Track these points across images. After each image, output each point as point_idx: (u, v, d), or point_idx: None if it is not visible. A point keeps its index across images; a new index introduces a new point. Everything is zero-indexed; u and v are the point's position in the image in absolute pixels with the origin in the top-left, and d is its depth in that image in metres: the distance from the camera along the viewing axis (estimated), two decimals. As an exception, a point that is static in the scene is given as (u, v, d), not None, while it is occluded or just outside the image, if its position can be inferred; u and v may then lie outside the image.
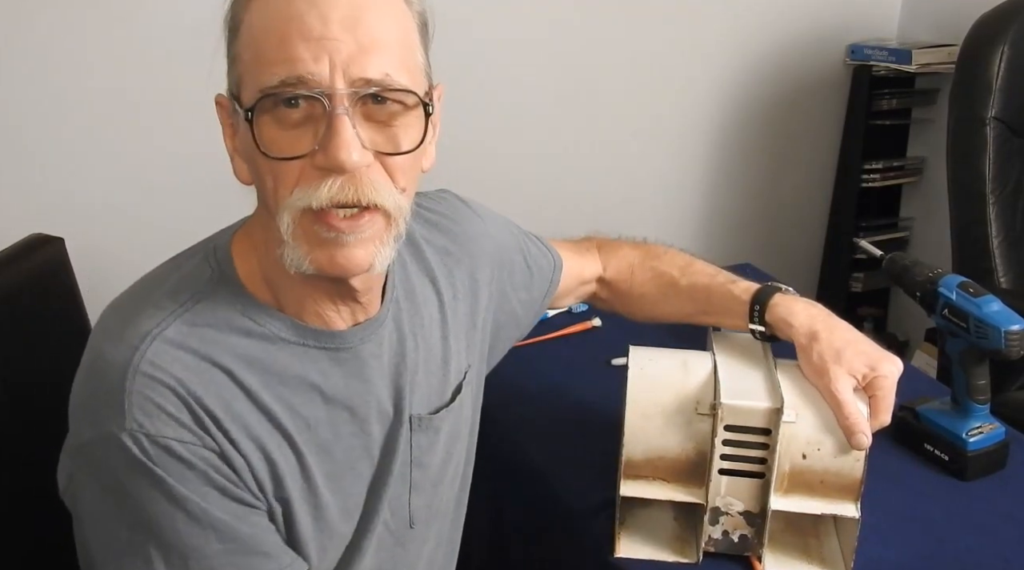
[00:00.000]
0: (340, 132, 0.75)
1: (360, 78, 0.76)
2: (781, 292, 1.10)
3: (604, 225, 1.28)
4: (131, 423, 0.77)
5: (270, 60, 0.76)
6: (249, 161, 0.82)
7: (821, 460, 1.00)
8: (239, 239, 0.88)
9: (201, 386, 0.80)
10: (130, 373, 0.78)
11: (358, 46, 0.76)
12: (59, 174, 1.78)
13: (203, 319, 0.83)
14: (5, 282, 1.06)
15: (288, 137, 0.77)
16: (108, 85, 1.77)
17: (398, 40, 0.80)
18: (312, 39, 0.75)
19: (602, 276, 1.23)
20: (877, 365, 1.01)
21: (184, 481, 0.78)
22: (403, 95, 0.79)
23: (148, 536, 0.79)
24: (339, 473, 0.89)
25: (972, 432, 1.19)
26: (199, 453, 0.79)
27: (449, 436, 1.00)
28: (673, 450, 1.03)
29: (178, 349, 0.80)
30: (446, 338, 1.00)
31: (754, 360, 1.08)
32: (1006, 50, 1.83)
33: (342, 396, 0.88)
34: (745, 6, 2.31)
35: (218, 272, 0.86)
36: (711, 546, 1.05)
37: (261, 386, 0.83)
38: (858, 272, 2.51)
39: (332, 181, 0.76)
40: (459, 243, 1.04)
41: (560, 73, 2.17)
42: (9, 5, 1.68)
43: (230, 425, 0.81)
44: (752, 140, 2.45)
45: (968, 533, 1.10)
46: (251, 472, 0.82)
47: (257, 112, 0.77)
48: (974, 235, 1.85)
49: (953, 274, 1.19)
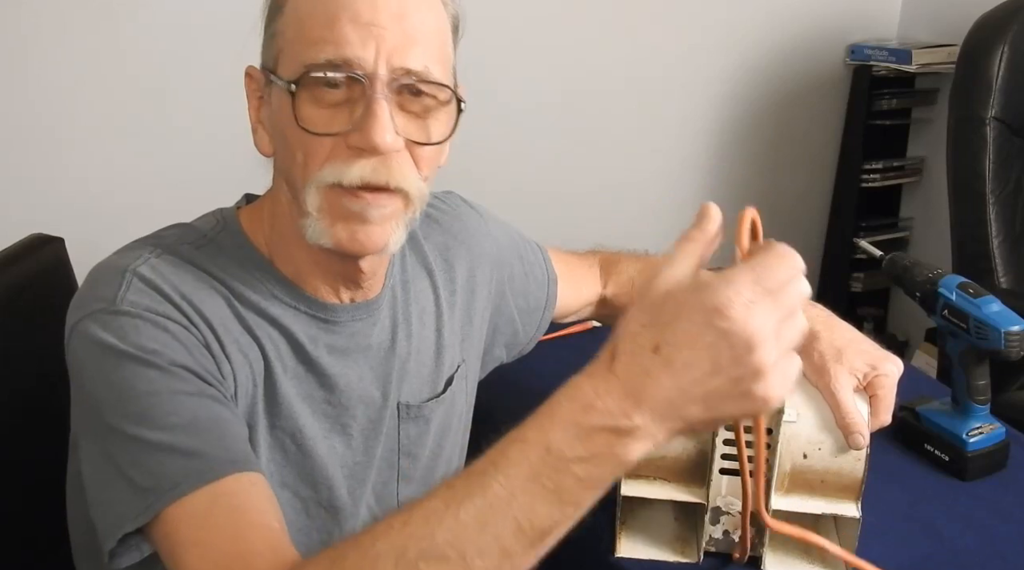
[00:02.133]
0: (378, 115, 0.78)
1: (402, 67, 0.80)
2: None
3: (603, 225, 1.28)
4: (121, 300, 0.79)
5: (316, 39, 0.79)
6: (276, 133, 0.85)
7: (822, 460, 1.00)
8: (247, 210, 0.92)
9: (198, 293, 0.82)
10: (129, 271, 0.81)
11: (404, 36, 0.80)
12: (59, 174, 1.78)
13: (203, 258, 0.86)
14: (5, 282, 1.06)
15: (325, 115, 0.80)
16: (108, 85, 1.77)
17: (438, 36, 0.84)
18: (361, 24, 0.79)
19: (603, 295, 1.23)
20: (878, 364, 1.01)
21: (166, 349, 0.78)
22: (438, 89, 0.82)
23: (118, 416, 0.77)
24: (306, 431, 0.89)
25: (972, 432, 1.19)
26: (186, 336, 0.79)
27: (440, 428, 1.01)
28: (674, 450, 1.03)
29: (181, 263, 0.84)
30: (440, 330, 1.02)
31: (754, 360, 1.07)
32: (1006, 50, 1.83)
33: (324, 363, 0.90)
34: (745, 6, 2.31)
35: (223, 223, 0.90)
36: (712, 546, 1.05)
37: (253, 321, 0.86)
38: (858, 272, 2.51)
39: (365, 162, 0.80)
40: (459, 240, 1.06)
41: (559, 73, 2.17)
42: (9, 5, 1.67)
43: (223, 335, 0.82)
44: (752, 140, 2.45)
45: (968, 533, 1.10)
46: (234, 380, 0.83)
47: (300, 86, 0.79)
48: (974, 235, 1.85)
49: (953, 274, 1.19)
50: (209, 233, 0.89)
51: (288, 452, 0.89)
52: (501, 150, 2.14)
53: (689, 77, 2.32)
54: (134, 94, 1.79)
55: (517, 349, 1.17)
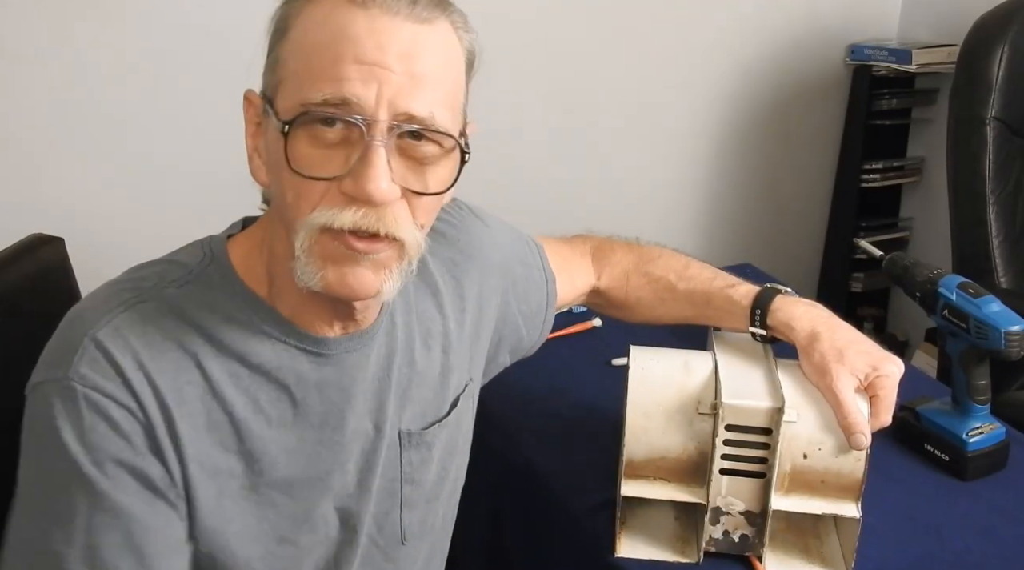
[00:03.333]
0: (374, 163, 0.74)
1: (404, 113, 0.75)
2: (781, 294, 1.09)
3: (604, 225, 1.28)
4: (73, 373, 0.77)
5: (318, 76, 0.75)
6: (271, 168, 0.81)
7: (822, 460, 1.00)
8: (239, 240, 0.88)
9: (161, 359, 0.79)
10: (88, 337, 0.78)
11: (410, 80, 0.75)
12: (59, 174, 1.78)
13: (186, 299, 0.83)
14: (5, 282, 1.06)
15: (320, 156, 0.76)
16: (108, 85, 1.77)
17: (449, 78, 0.80)
18: (365, 64, 0.74)
19: (596, 286, 1.20)
20: (879, 365, 1.01)
21: (104, 442, 0.76)
22: (442, 137, 0.78)
23: (51, 497, 0.77)
24: (299, 479, 0.87)
25: (972, 432, 1.19)
26: (129, 424, 0.78)
27: (445, 452, 0.99)
28: (674, 450, 1.03)
29: (147, 324, 0.80)
30: (447, 352, 0.98)
31: (755, 360, 1.08)
32: (1006, 50, 1.83)
33: (314, 402, 0.87)
34: (745, 6, 2.31)
35: (211, 256, 0.86)
36: (712, 546, 1.05)
37: (227, 376, 0.83)
38: (858, 272, 2.51)
39: (357, 208, 0.76)
40: (467, 254, 1.02)
41: (559, 73, 2.17)
42: (9, 5, 1.67)
43: (176, 409, 0.79)
44: (752, 140, 2.45)
45: (968, 533, 1.10)
46: (179, 461, 0.80)
47: (294, 126, 0.75)
48: (974, 235, 1.85)
49: (953, 274, 1.19)
50: (195, 269, 0.85)
51: (279, 506, 0.86)
52: (501, 151, 2.14)
53: (689, 77, 2.32)
54: (135, 94, 1.79)
55: (521, 353, 1.15)
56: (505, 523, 1.28)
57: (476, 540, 1.28)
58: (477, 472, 1.09)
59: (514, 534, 1.28)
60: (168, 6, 1.78)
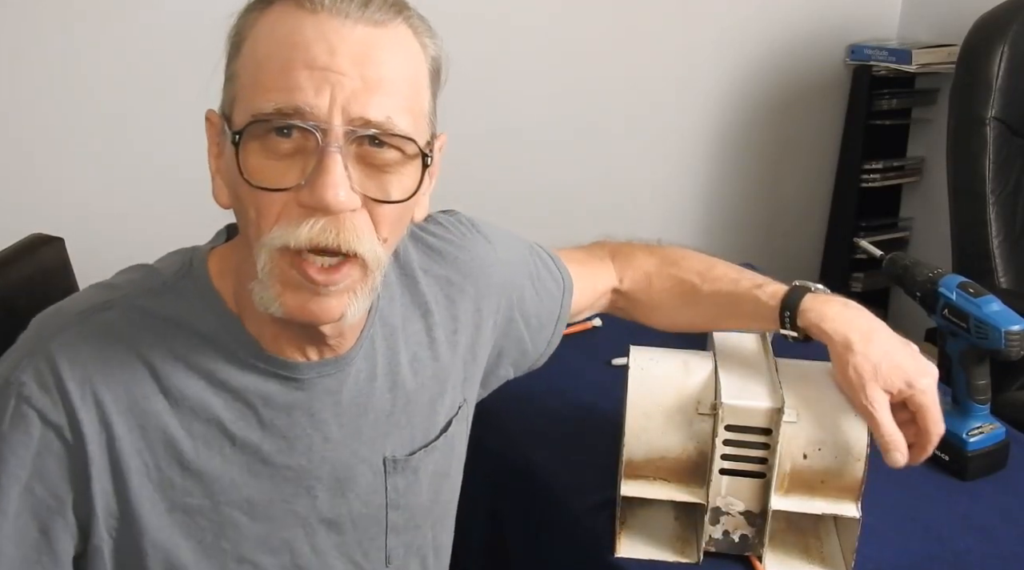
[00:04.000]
0: (330, 170, 0.71)
1: (360, 117, 0.72)
2: (811, 293, 1.04)
3: (603, 225, 1.27)
4: (14, 377, 0.76)
5: (268, 86, 0.72)
6: (232, 187, 0.78)
7: (822, 460, 1.00)
8: (219, 252, 0.86)
9: (113, 376, 0.78)
10: (40, 345, 0.78)
11: (363, 83, 0.72)
12: (59, 174, 1.78)
13: (156, 310, 0.81)
14: (5, 282, 1.06)
15: (275, 167, 0.73)
16: (108, 85, 1.77)
17: (407, 82, 0.76)
18: (316, 69, 0.72)
19: (617, 287, 1.16)
20: (914, 381, 0.97)
21: (10, 453, 0.75)
22: (402, 142, 0.75)
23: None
24: (260, 501, 0.85)
25: (972, 432, 1.19)
26: (54, 445, 0.76)
27: (435, 475, 0.96)
28: (674, 450, 1.03)
29: (108, 336, 0.79)
30: (436, 375, 0.95)
31: (755, 360, 1.07)
32: (1006, 50, 1.83)
33: (282, 425, 0.84)
34: (745, 6, 2.31)
35: (188, 266, 0.84)
36: (712, 546, 1.05)
37: (189, 392, 0.81)
38: (858, 272, 2.51)
39: (314, 221, 0.73)
40: (463, 272, 0.98)
41: (559, 74, 2.17)
42: (9, 6, 1.67)
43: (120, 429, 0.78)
44: (752, 140, 2.45)
45: (968, 533, 1.10)
46: (112, 485, 0.79)
47: (245, 137, 0.73)
48: (974, 235, 1.85)
49: (953, 274, 1.19)
50: (170, 279, 0.83)
51: (240, 526, 0.84)
52: (502, 151, 2.14)
53: (689, 77, 2.32)
54: (135, 94, 1.79)
55: (527, 365, 1.12)
56: (505, 523, 1.28)
57: (476, 540, 1.28)
58: (477, 472, 1.09)
59: (514, 534, 1.28)
60: (168, 7, 1.78)
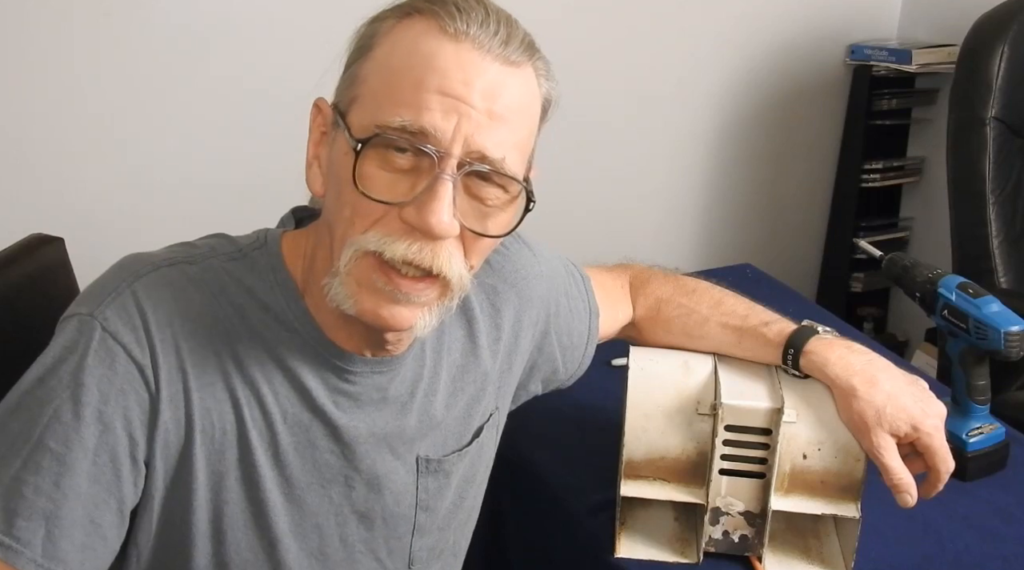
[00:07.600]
0: (440, 196, 0.74)
1: (478, 151, 0.75)
2: (817, 335, 1.04)
3: (603, 226, 1.27)
4: (99, 312, 0.77)
5: (398, 101, 0.74)
6: (331, 179, 0.80)
7: (822, 460, 1.00)
8: (290, 236, 0.88)
9: (192, 324, 0.79)
10: (125, 282, 0.79)
11: (489, 119, 0.75)
12: (59, 174, 1.78)
13: (229, 274, 0.83)
14: (5, 282, 1.06)
15: (386, 179, 0.75)
16: (109, 86, 1.77)
17: (525, 124, 0.80)
18: (449, 96, 0.74)
19: (632, 320, 1.17)
20: (919, 424, 0.97)
21: (95, 386, 0.75)
22: (508, 182, 0.78)
23: (19, 412, 0.77)
24: (299, 482, 0.87)
25: (972, 432, 1.19)
26: (134, 382, 0.77)
27: (463, 479, 0.98)
28: (674, 450, 1.03)
29: (189, 287, 0.80)
30: (475, 382, 0.97)
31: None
32: (1006, 50, 1.83)
33: (331, 411, 0.86)
34: (745, 6, 2.31)
35: (263, 242, 0.86)
36: (711, 546, 1.05)
37: (251, 359, 0.82)
38: (858, 272, 2.51)
39: (412, 240, 0.75)
40: (510, 282, 1.00)
41: (559, 73, 2.16)
42: (9, 6, 1.67)
43: (194, 377, 0.79)
44: (752, 140, 2.45)
45: (968, 533, 1.10)
46: (185, 428, 0.79)
47: (367, 146, 0.75)
48: (974, 235, 1.85)
49: (953, 274, 1.19)
50: (246, 248, 0.85)
51: (271, 503, 0.86)
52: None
53: (689, 77, 2.32)
54: (135, 95, 1.79)
55: (555, 384, 1.13)
56: (505, 523, 1.28)
57: (476, 540, 1.28)
58: (477, 472, 1.09)
59: (514, 534, 1.28)
60: (169, 8, 1.78)
